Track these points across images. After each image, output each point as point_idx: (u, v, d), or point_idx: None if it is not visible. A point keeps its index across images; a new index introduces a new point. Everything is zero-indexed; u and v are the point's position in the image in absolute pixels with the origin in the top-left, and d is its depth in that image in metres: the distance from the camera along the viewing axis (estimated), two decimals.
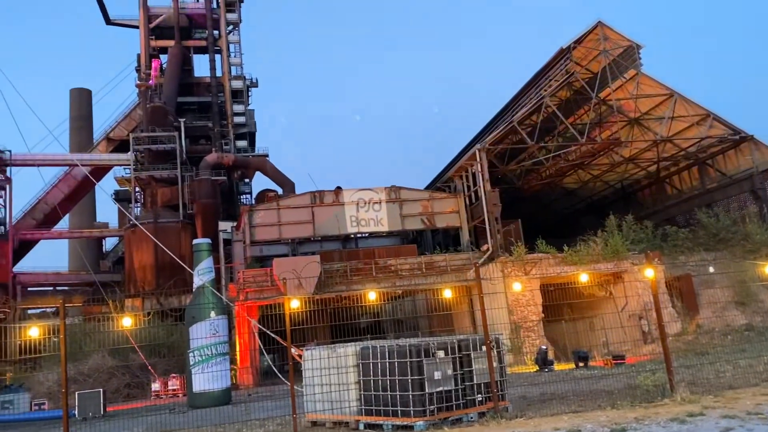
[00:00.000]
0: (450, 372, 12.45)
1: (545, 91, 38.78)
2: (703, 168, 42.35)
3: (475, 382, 12.74)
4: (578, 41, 38.56)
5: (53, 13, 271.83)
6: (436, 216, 39.92)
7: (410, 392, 12.06)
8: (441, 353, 12.45)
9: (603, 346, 29.59)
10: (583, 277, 29.63)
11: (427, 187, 47.96)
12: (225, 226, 47.71)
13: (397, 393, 12.23)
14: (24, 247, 56.44)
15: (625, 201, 48.25)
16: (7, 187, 52.26)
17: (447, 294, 31.59)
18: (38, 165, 51.29)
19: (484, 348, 12.92)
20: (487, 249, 36.04)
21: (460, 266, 35.92)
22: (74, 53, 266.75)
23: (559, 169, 46.09)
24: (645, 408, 12.30)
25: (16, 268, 53.57)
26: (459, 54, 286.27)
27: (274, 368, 24.14)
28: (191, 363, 21.95)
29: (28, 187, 60.55)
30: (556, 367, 26.43)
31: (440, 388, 12.20)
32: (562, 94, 40.84)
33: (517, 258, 32.68)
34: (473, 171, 38.65)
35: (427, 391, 12.05)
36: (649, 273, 16.41)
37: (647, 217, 41.24)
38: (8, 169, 52.26)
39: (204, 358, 21.87)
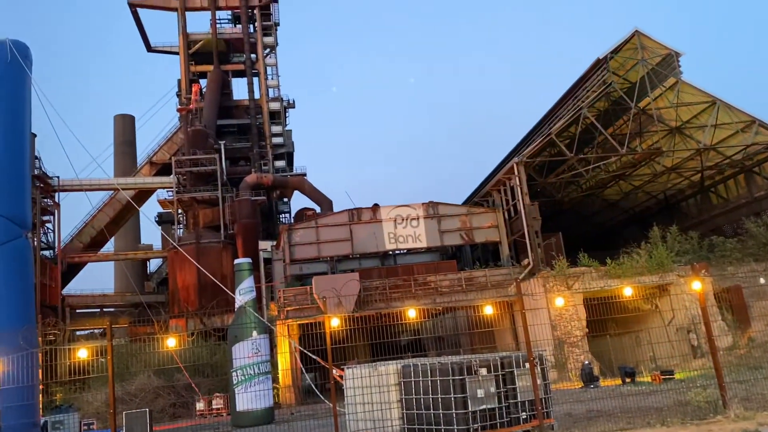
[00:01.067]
0: (493, 390, 12.28)
1: (583, 102, 38.34)
2: (750, 176, 41.11)
3: (518, 399, 12.53)
4: (615, 51, 38.08)
5: (98, 42, 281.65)
6: (474, 231, 39.64)
7: (453, 410, 11.93)
8: (484, 371, 12.30)
9: (650, 361, 28.82)
10: (628, 291, 29.00)
11: (465, 202, 47.72)
12: (265, 245, 48.27)
13: (440, 411, 12.11)
14: (72, 270, 58.05)
15: (668, 212, 47.14)
16: (56, 212, 53.91)
17: (488, 310, 31.26)
18: (85, 190, 52.83)
19: (527, 365, 12.72)
20: (528, 263, 35.59)
21: (500, 281, 35.54)
22: (118, 80, 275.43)
23: (599, 181, 45.36)
24: (697, 425, 11.90)
25: (65, 291, 55.07)
26: (496, 67, 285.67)
27: (314, 388, 24.18)
28: (234, 382, 22.14)
29: (75, 211, 62.48)
30: (602, 383, 25.82)
31: (483, 406, 12.04)
32: (600, 105, 40.30)
33: (558, 272, 32.18)
34: (511, 185, 38.33)
35: (470, 409, 11.91)
36: (697, 285, 15.96)
37: (692, 227, 40.20)
38: (56, 194, 53.95)
39: (247, 377, 22.05)
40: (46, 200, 52.21)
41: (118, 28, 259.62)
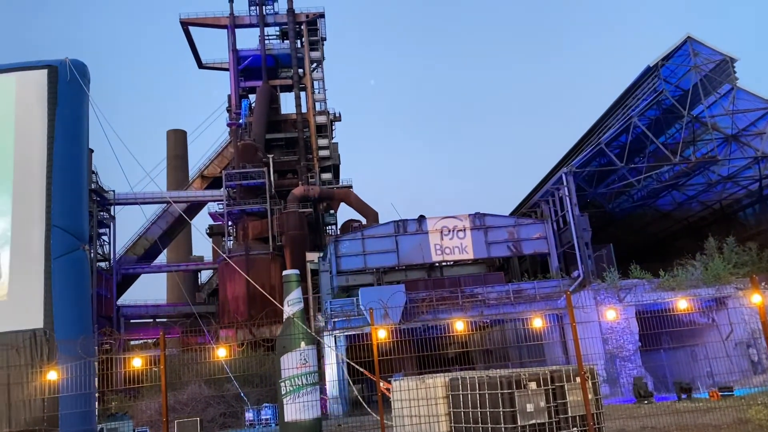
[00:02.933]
0: (543, 404, 12.06)
1: (633, 110, 37.53)
2: None
3: (569, 414, 12.26)
4: (666, 58, 37.20)
5: (151, 60, 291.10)
6: (522, 242, 39.15)
7: (502, 425, 11.76)
8: (533, 385, 12.09)
9: (707, 376, 27.82)
10: (682, 304, 28.10)
11: (513, 213, 47.21)
12: (312, 256, 48.75)
13: (489, 425, 11.96)
14: (127, 281, 59.78)
15: (725, 222, 45.54)
16: (111, 224, 55.69)
17: (537, 323, 30.71)
18: (139, 203, 54.45)
19: (578, 379, 12.44)
20: (578, 276, 34.92)
21: (549, 294, 34.96)
22: (170, 97, 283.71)
23: (651, 191, 44.24)
24: None
25: (120, 301, 56.72)
26: (544, 73, 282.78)
27: (362, 400, 24.18)
28: (282, 393, 22.31)
29: (130, 224, 64.43)
30: (656, 398, 25.02)
31: (533, 421, 11.83)
32: (652, 113, 39.38)
33: (610, 284, 31.47)
34: (560, 195, 37.75)
35: (519, 423, 11.72)
36: (757, 298, 15.34)
37: (750, 238, 38.71)
38: (112, 207, 55.75)
39: (295, 387, 22.20)
40: (102, 213, 54.01)
41: (171, 45, 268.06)
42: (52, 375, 19.69)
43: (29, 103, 25.04)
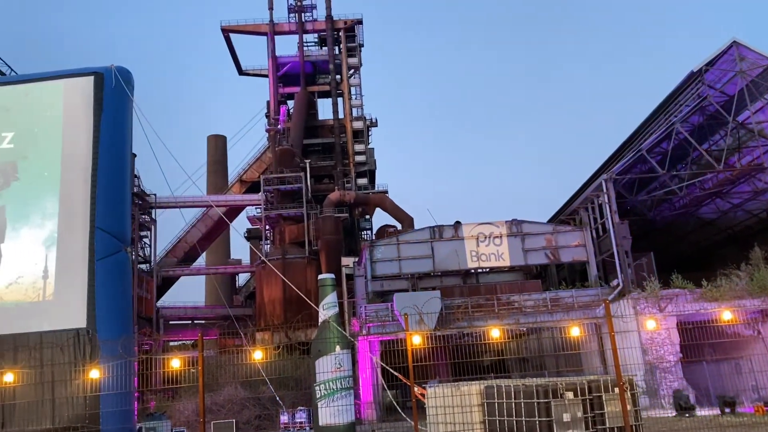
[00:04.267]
0: (580, 414, 11.86)
1: (675, 116, 36.74)
2: None
3: (607, 425, 12.04)
4: (710, 63, 36.32)
5: (192, 66, 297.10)
6: (560, 250, 38.60)
7: None
8: (570, 394, 11.91)
9: (752, 390, 26.96)
10: (726, 315, 27.32)
11: (551, 220, 46.62)
12: (347, 261, 48.90)
13: None
14: (166, 283, 60.90)
15: None
16: (153, 227, 56.85)
17: (574, 332, 30.24)
18: (179, 207, 55.47)
19: (616, 390, 12.20)
20: (618, 284, 34.29)
21: (588, 303, 34.39)
22: (211, 103, 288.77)
23: (694, 199, 43.16)
24: None
25: (159, 303, 57.78)
26: (582, 81, 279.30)
27: (396, 405, 24.14)
28: (317, 396, 22.46)
29: (170, 227, 65.67)
30: (699, 412, 24.35)
31: (570, 431, 11.65)
32: (695, 119, 38.48)
33: (650, 294, 30.81)
34: (600, 202, 37.15)
35: None
36: None
37: None
38: (153, 211, 56.93)
39: (329, 391, 22.31)
40: (144, 216, 55.17)
41: (211, 52, 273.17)
42: (94, 373, 20.20)
43: (76, 108, 25.83)
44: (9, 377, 16.04)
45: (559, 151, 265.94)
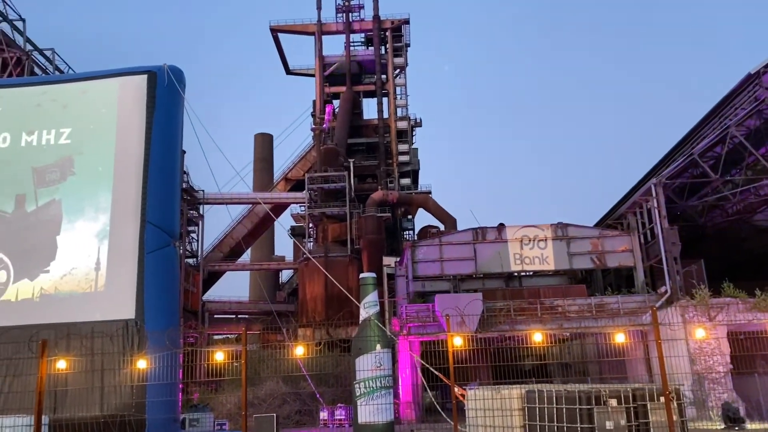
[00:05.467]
0: (623, 422, 11.64)
1: (730, 119, 35.58)
2: None
3: None
4: None
5: (242, 65, 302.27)
6: (607, 255, 37.84)
7: None
8: (613, 402, 11.69)
9: None
10: None
11: (597, 224, 45.78)
12: (389, 261, 49.03)
13: None
14: (212, 278, 62.18)
15: None
16: (200, 223, 58.11)
17: (619, 338, 29.63)
18: (226, 203, 56.56)
19: (662, 399, 11.92)
20: (665, 291, 33.44)
21: (634, 309, 33.66)
22: (259, 102, 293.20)
23: (748, 206, 41.68)
24: None
25: (205, 297, 59.02)
26: (632, 84, 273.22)
27: (437, 405, 24.09)
28: (357, 394, 22.58)
29: (216, 223, 67.02)
30: (750, 425, 23.57)
31: None
32: (751, 123, 37.16)
33: (699, 302, 29.96)
34: (649, 207, 36.29)
35: None
36: None
37: None
38: (201, 206, 58.17)
39: (369, 390, 22.40)
40: (192, 212, 56.41)
41: (258, 51, 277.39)
42: (142, 363, 20.76)
43: (130, 106, 26.60)
44: (62, 364, 16.66)
45: (606, 156, 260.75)
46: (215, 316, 59.57)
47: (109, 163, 25.78)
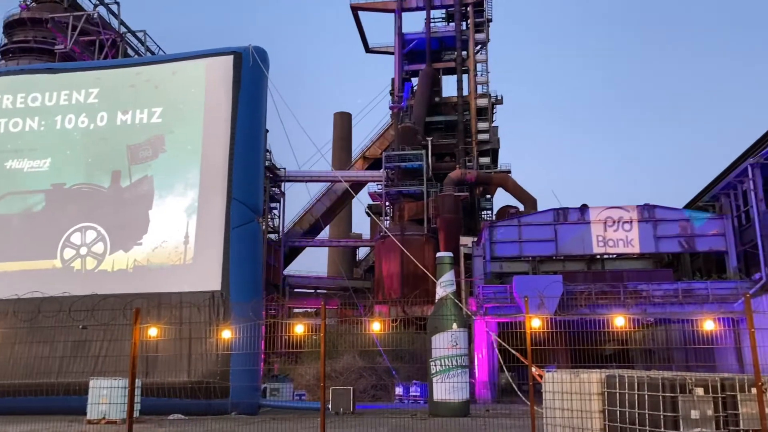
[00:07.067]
0: (710, 413, 11.16)
1: None
2: None
3: (741, 427, 11.23)
4: None
5: (322, 45, 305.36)
6: (696, 238, 36.13)
7: (662, 429, 11.08)
8: (700, 390, 11.23)
9: None
10: None
11: (687, 206, 43.70)
12: (466, 240, 48.68)
13: (647, 428, 11.33)
14: (292, 253, 63.87)
15: None
16: (282, 200, 59.67)
17: (708, 326, 28.33)
18: (306, 181, 57.74)
19: (753, 390, 11.34)
20: (760, 278, 31.64)
21: (724, 296, 32.08)
22: (338, 80, 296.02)
23: None
24: None
25: (286, 271, 60.78)
26: (728, 61, 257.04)
27: (514, 386, 23.91)
28: (432, 372, 22.76)
29: (296, 201, 68.52)
30: None
31: (698, 429, 11.01)
32: None
33: None
34: (744, 189, 34.29)
35: (682, 430, 10.97)
36: None
37: None
38: (282, 184, 59.66)
39: (444, 368, 22.53)
40: (274, 189, 57.97)
41: (337, 29, 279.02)
42: (226, 333, 21.68)
43: (217, 86, 27.52)
44: (153, 331, 17.66)
45: (697, 135, 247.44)
46: (295, 290, 61.24)
47: (198, 142, 26.84)
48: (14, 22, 61.60)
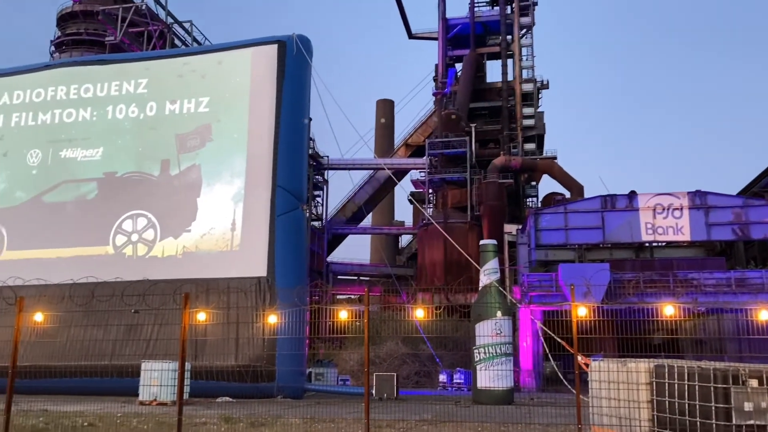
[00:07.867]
0: (764, 405, 10.81)
1: None
2: None
3: None
4: None
5: (365, 34, 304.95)
6: (751, 226, 34.90)
7: (713, 421, 10.79)
8: (754, 382, 10.88)
9: None
10: None
11: (741, 193, 42.24)
12: (510, 228, 48.23)
13: (697, 419, 11.05)
14: (335, 240, 64.39)
15: None
16: (325, 188, 60.13)
17: (763, 316, 27.43)
18: (349, 169, 58.02)
19: None
20: None
21: None
22: (381, 68, 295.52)
23: None
24: None
25: (329, 258, 61.36)
26: None
27: (560, 374, 23.67)
28: (476, 359, 22.69)
29: (338, 188, 68.90)
30: None
31: (751, 422, 10.68)
32: None
33: None
34: None
35: (734, 422, 10.65)
36: None
37: None
38: (326, 172, 60.08)
39: (488, 356, 22.44)
40: (317, 177, 58.45)
41: (381, 17, 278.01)
42: (272, 318, 22.04)
43: (261, 75, 27.82)
44: (202, 316, 18.08)
45: (751, 117, 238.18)
46: (338, 276, 61.81)
47: (243, 130, 27.23)
48: (67, 15, 63.55)
